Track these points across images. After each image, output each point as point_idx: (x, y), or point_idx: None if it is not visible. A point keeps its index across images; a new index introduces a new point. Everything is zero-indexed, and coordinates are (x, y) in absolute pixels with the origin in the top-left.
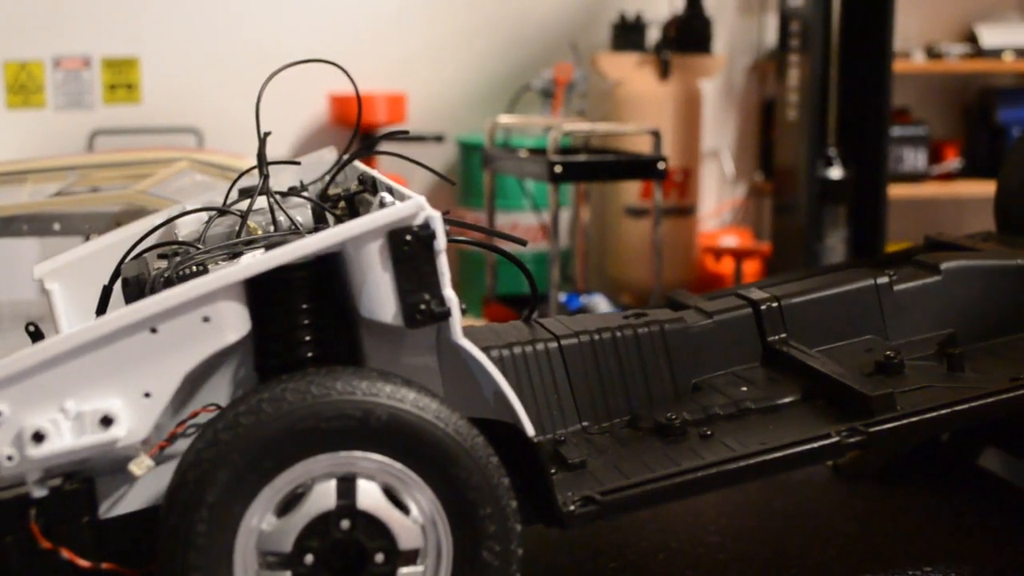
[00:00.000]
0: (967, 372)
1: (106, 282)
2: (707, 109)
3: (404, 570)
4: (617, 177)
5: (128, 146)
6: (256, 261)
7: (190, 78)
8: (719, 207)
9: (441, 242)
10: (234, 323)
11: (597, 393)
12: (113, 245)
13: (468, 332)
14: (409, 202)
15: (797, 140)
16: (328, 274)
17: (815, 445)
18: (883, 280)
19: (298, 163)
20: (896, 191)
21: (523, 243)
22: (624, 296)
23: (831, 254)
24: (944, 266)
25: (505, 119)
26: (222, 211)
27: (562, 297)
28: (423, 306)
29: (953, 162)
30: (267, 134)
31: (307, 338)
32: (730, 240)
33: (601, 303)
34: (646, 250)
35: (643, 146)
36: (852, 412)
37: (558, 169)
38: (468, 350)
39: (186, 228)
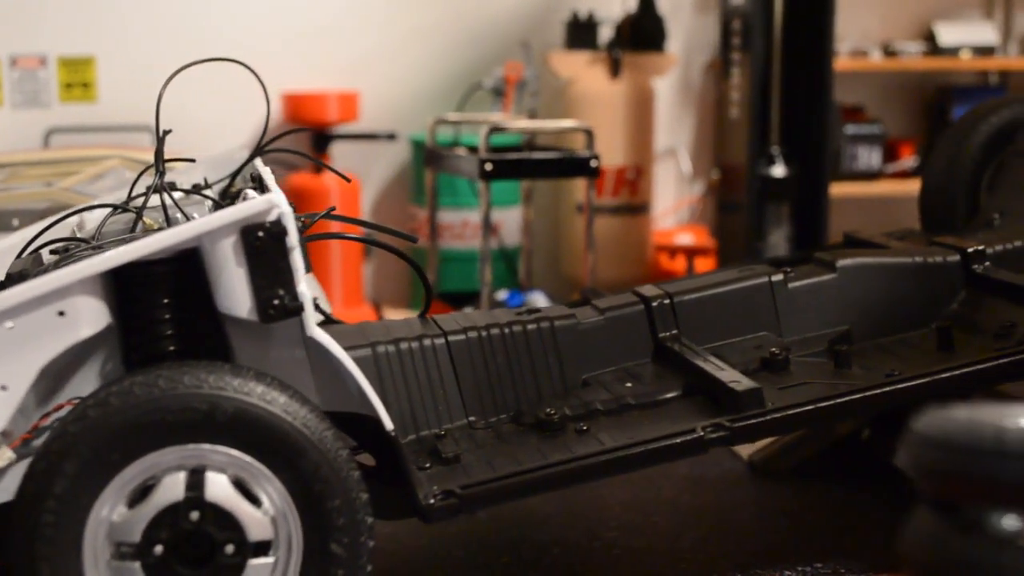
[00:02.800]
0: (854, 368)
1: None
2: (664, 107)
3: (254, 561)
4: (549, 175)
5: (83, 144)
6: (109, 255)
7: (146, 77)
8: (675, 205)
9: (293, 238)
10: (90, 317)
11: (484, 389)
12: (24, 241)
13: (359, 328)
14: (261, 198)
15: (740, 139)
16: (193, 269)
17: (678, 440)
18: (777, 278)
19: (193, 160)
20: (850, 189)
21: (413, 240)
22: (575, 294)
23: (773, 252)
24: (840, 264)
25: (451, 117)
26: (116, 207)
27: (504, 294)
28: (277, 301)
29: (908, 160)
30: (167, 132)
31: (169, 332)
32: (684, 238)
33: (539, 300)
34: (597, 248)
35: (597, 144)
36: (724, 408)
37: (488, 167)
38: (323, 344)
39: (92, 224)
